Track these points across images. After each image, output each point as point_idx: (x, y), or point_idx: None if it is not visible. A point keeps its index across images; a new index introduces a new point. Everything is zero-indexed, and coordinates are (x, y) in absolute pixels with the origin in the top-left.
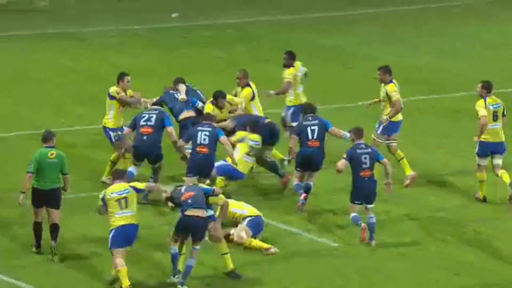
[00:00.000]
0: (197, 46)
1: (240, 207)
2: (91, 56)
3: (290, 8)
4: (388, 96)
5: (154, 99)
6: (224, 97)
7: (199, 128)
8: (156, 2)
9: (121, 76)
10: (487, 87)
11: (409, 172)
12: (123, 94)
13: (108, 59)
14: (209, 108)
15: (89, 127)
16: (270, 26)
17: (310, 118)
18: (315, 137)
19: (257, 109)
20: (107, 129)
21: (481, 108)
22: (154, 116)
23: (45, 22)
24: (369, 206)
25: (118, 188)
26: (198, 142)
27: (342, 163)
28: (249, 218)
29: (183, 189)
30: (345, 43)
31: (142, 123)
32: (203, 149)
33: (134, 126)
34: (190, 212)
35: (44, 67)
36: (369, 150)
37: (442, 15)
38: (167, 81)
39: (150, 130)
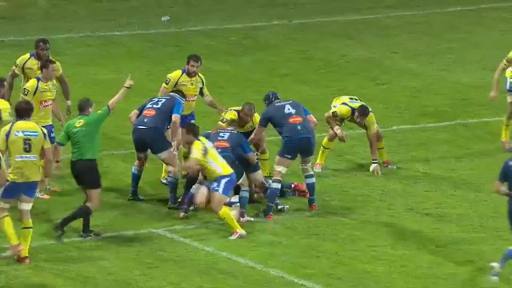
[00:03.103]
0: None
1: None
2: (63, 70)
3: (311, 11)
4: None
5: None
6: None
7: None
8: (143, 2)
9: (46, 64)
10: None
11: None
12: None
13: (84, 72)
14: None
15: None
16: (286, 32)
17: None
18: None
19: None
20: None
21: None
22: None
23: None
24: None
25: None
26: None
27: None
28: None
29: None
30: (376, 54)
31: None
32: None
33: None
34: None
35: None
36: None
37: None
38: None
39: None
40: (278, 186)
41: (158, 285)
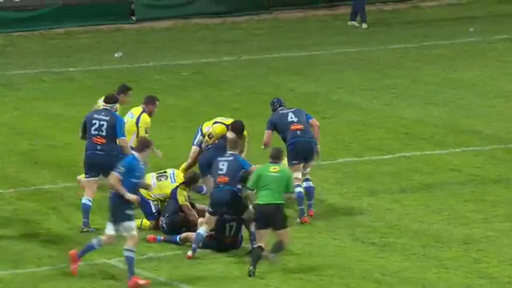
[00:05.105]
0: (146, 91)
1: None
2: (17, 106)
3: (260, 47)
4: None
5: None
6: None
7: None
8: (95, 39)
9: (125, 89)
10: None
11: None
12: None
13: (39, 107)
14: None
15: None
16: (236, 68)
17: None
18: None
19: None
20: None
21: None
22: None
23: None
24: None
25: None
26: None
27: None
28: None
29: None
30: (322, 88)
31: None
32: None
33: None
34: None
35: None
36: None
37: None
38: None
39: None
40: (301, 189)
41: None
